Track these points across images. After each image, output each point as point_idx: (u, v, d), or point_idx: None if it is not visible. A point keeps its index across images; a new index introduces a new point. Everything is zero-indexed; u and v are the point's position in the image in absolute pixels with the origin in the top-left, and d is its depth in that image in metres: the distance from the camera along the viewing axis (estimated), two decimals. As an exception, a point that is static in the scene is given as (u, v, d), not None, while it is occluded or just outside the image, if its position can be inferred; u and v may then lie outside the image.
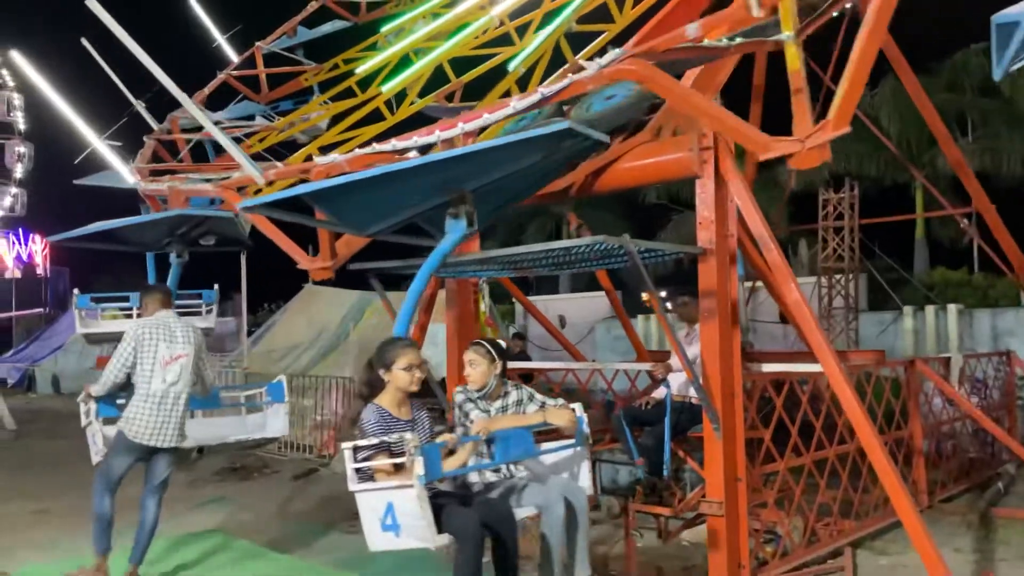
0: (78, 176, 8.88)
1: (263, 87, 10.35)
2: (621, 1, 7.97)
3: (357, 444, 3.95)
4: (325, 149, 8.13)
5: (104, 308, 7.14)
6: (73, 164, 8.94)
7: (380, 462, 3.92)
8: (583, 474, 4.72)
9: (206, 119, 6.62)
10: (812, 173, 19.18)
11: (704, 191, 5.44)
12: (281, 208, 4.83)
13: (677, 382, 6.32)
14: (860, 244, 16.98)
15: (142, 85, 8.70)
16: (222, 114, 9.84)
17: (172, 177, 7.60)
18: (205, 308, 7.09)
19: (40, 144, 40.51)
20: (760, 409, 6.21)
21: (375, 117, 9.06)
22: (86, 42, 8.50)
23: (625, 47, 5.13)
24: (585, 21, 8.18)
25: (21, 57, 7.88)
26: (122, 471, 5.83)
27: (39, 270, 44.26)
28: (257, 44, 10.40)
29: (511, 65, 8.31)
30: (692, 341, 6.30)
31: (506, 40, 8.60)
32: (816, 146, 4.52)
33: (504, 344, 4.95)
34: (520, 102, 5.36)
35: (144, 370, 5.78)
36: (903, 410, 7.70)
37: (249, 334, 17.26)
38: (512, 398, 4.82)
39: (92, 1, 5.37)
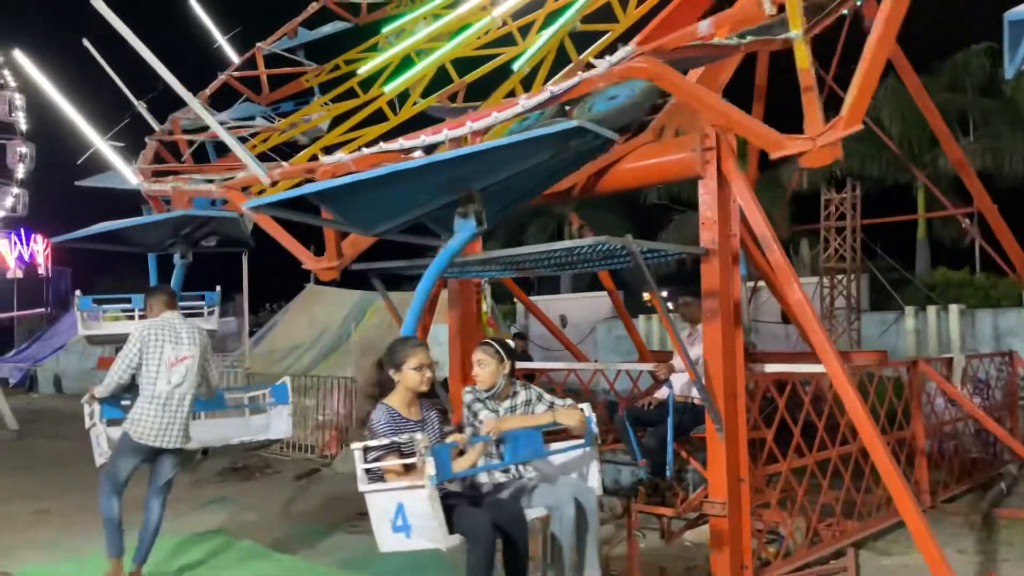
0: (80, 176, 8.87)
1: (264, 88, 10.36)
2: (625, 0, 7.98)
3: (367, 444, 3.92)
4: (328, 150, 8.12)
5: (106, 310, 7.13)
6: (75, 164, 8.93)
7: (390, 462, 3.88)
8: (592, 474, 4.69)
9: (212, 118, 6.62)
10: (814, 173, 19.18)
11: (707, 191, 5.43)
12: (288, 208, 4.81)
13: (680, 383, 6.32)
14: (862, 244, 16.98)
15: (143, 85, 8.73)
16: (224, 115, 9.84)
17: (175, 178, 7.60)
18: (207, 310, 7.08)
19: (42, 144, 40.55)
20: (762, 409, 6.21)
21: (377, 118, 9.06)
22: (87, 43, 8.50)
23: (630, 44, 5.12)
24: (589, 21, 8.17)
25: (24, 57, 7.86)
26: (128, 473, 5.83)
27: (41, 270, 44.27)
28: (258, 45, 10.40)
29: (516, 65, 8.30)
30: (695, 341, 6.29)
31: (509, 40, 8.60)
32: (828, 144, 4.51)
33: (513, 344, 4.93)
34: (529, 100, 5.35)
35: (150, 371, 5.76)
36: (905, 410, 7.70)
37: (251, 334, 17.24)
38: (521, 398, 4.80)
39: (98, 1, 5.36)
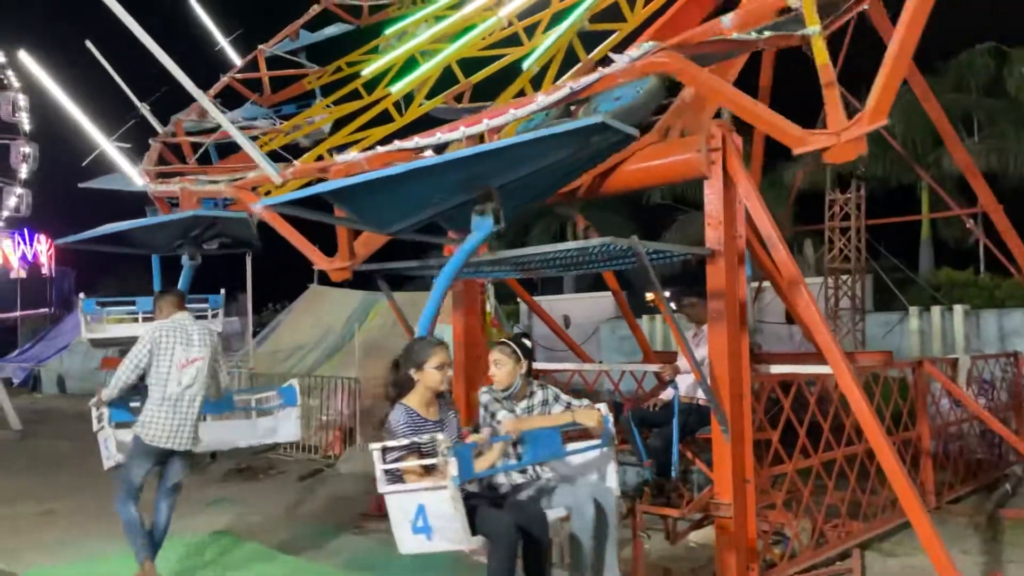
0: (84, 177, 8.86)
1: (266, 90, 10.36)
2: (633, 0, 7.98)
3: (386, 445, 3.87)
4: (334, 151, 8.11)
5: (109, 312, 7.08)
6: (78, 164, 8.93)
7: (410, 463, 3.84)
8: (610, 475, 4.64)
9: (223, 117, 6.59)
10: (817, 173, 19.15)
11: (712, 192, 5.42)
12: (302, 206, 4.75)
13: (685, 384, 6.31)
14: (866, 244, 16.96)
15: (143, 86, 8.74)
16: (228, 117, 9.83)
17: (182, 179, 7.58)
18: (211, 313, 7.04)
19: (45, 145, 40.55)
20: (767, 410, 6.20)
21: (383, 119, 9.07)
22: (90, 45, 8.50)
23: (637, 43, 5.12)
24: (596, 20, 8.19)
25: (29, 58, 7.85)
26: (142, 476, 5.80)
27: (44, 270, 44.24)
28: (260, 47, 10.40)
29: (525, 64, 8.31)
30: (700, 342, 6.29)
31: (514, 41, 8.61)
32: (852, 139, 4.48)
33: (529, 344, 4.84)
34: (548, 97, 5.34)
35: (160, 373, 5.75)
36: (910, 411, 7.68)
37: (254, 334, 17.23)
38: (538, 398, 4.75)
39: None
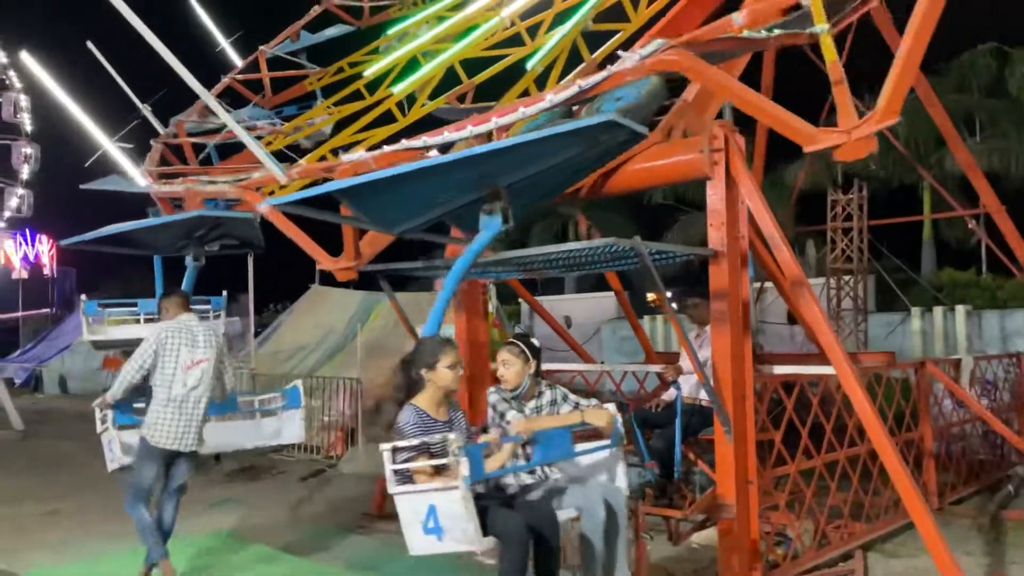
0: (84, 177, 8.85)
1: (267, 91, 10.36)
2: (636, 0, 7.99)
3: (396, 445, 3.85)
4: (337, 152, 8.11)
5: (110, 313, 7.04)
6: (79, 165, 8.92)
7: (421, 463, 3.82)
8: (619, 475, 4.61)
9: (228, 117, 6.58)
10: (820, 173, 19.16)
11: (715, 193, 5.42)
12: (309, 206, 4.73)
13: (688, 384, 6.31)
14: (868, 245, 16.93)
15: (144, 87, 8.74)
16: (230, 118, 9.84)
17: (186, 179, 7.56)
18: (213, 314, 7.00)
19: (47, 145, 40.54)
20: (770, 411, 6.19)
21: (385, 120, 9.07)
22: (91, 46, 8.50)
23: (640, 42, 5.12)
24: (600, 20, 8.20)
25: (31, 59, 7.85)
26: (152, 479, 5.77)
27: (46, 271, 44.24)
28: (261, 48, 10.40)
29: (529, 64, 8.32)
30: (703, 343, 6.29)
31: (516, 41, 8.61)
32: (863, 137, 4.47)
33: (537, 344, 4.83)
34: (557, 95, 5.34)
35: (165, 374, 5.73)
36: (913, 412, 7.67)
37: (255, 335, 17.21)
38: (546, 398, 4.73)
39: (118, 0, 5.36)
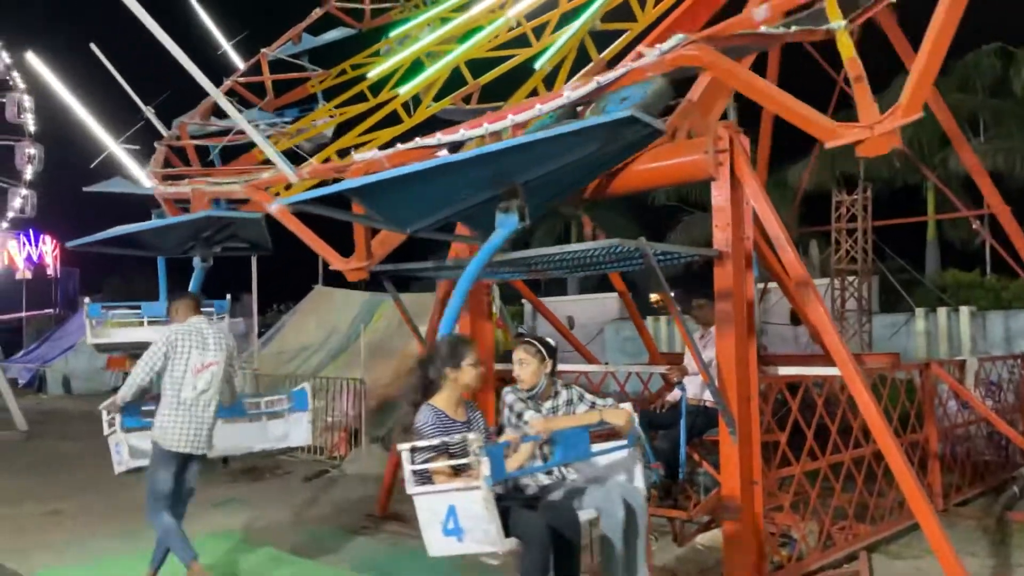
0: (88, 177, 8.87)
1: (269, 93, 10.36)
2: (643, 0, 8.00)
3: (415, 445, 3.82)
4: (342, 154, 8.12)
5: (113, 315, 7.01)
6: (83, 166, 8.96)
7: (440, 464, 3.78)
8: (637, 475, 4.57)
9: (239, 116, 6.57)
10: (823, 174, 19.12)
11: (720, 193, 5.41)
12: (324, 204, 4.69)
13: (692, 385, 6.30)
14: (872, 246, 16.89)
15: (145, 89, 8.76)
16: (232, 121, 9.84)
17: (192, 180, 7.55)
18: (217, 318, 6.98)
19: (50, 146, 40.61)
20: (774, 412, 6.18)
21: (390, 121, 9.08)
22: (95, 47, 8.52)
23: (646, 41, 5.12)
24: (607, 20, 8.23)
25: (37, 60, 7.86)
26: (169, 484, 5.69)
27: (49, 271, 44.34)
28: (262, 51, 10.41)
29: (538, 63, 8.35)
30: (707, 344, 6.28)
31: (522, 42, 8.62)
32: (886, 132, 4.45)
33: (553, 343, 4.77)
34: (575, 92, 5.34)
35: (175, 377, 5.68)
36: (917, 413, 7.65)
37: (259, 335, 17.19)
38: (563, 398, 4.70)
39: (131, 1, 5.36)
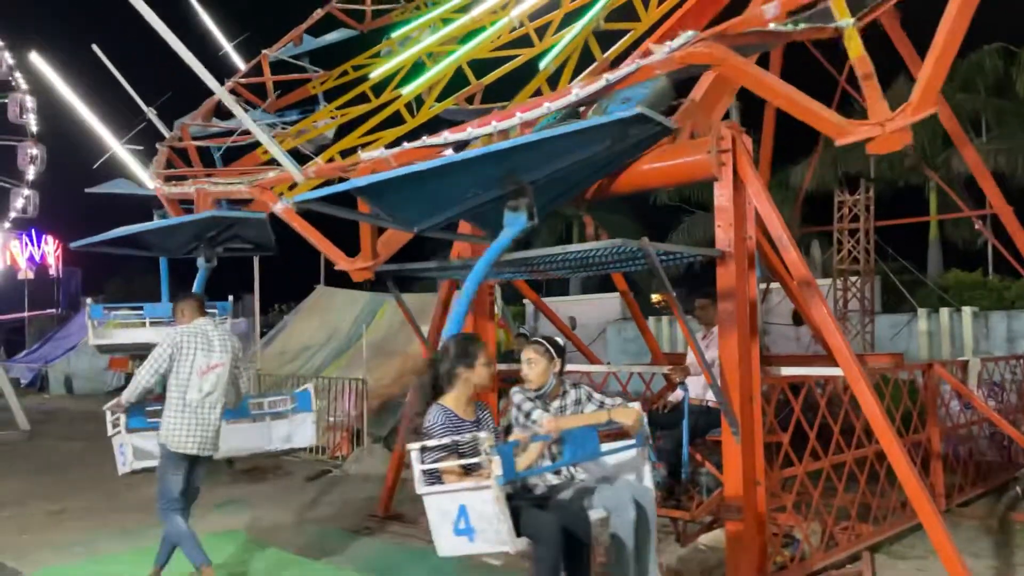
0: (90, 177, 8.90)
1: (270, 95, 10.37)
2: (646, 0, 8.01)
3: (425, 445, 3.81)
4: (344, 154, 8.13)
5: (114, 317, 6.99)
6: (85, 166, 8.98)
7: (451, 463, 3.78)
8: (646, 474, 4.57)
9: (246, 116, 6.56)
10: (827, 174, 19.09)
11: (722, 193, 5.40)
12: (331, 203, 4.68)
13: (695, 385, 6.30)
14: (874, 246, 16.86)
15: (147, 90, 8.77)
16: (233, 123, 9.86)
17: (195, 181, 7.55)
18: (219, 320, 6.97)
19: (52, 146, 40.65)
20: (777, 413, 6.18)
21: (392, 122, 9.09)
22: (97, 49, 8.52)
23: (648, 41, 5.12)
24: (611, 20, 8.25)
25: (42, 61, 7.86)
26: (180, 485, 5.68)
27: (51, 271, 44.35)
28: (264, 52, 10.41)
29: (542, 63, 8.37)
30: (710, 344, 6.28)
31: (524, 42, 8.63)
32: (897, 129, 4.42)
33: (562, 342, 4.77)
34: (583, 89, 5.33)
35: (180, 379, 5.65)
36: (920, 414, 7.64)
37: (261, 335, 17.20)
38: (571, 397, 4.70)
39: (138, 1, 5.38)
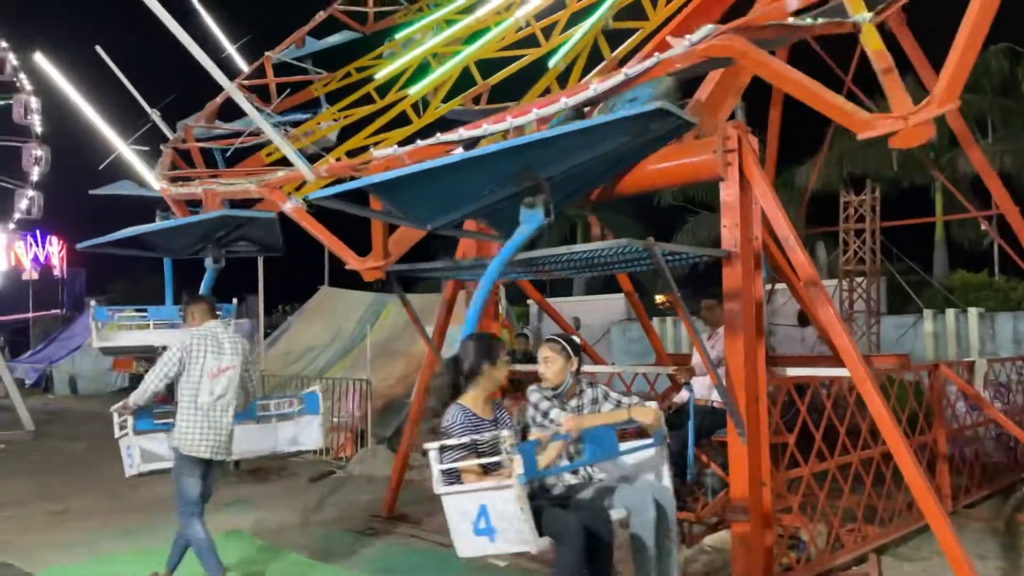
0: (94, 178, 8.90)
1: (273, 97, 10.37)
2: (655, -1, 8.02)
3: (444, 444, 3.78)
4: (351, 155, 8.12)
5: (118, 317, 6.90)
6: (90, 167, 8.98)
7: (470, 462, 3.75)
8: (665, 474, 4.52)
9: (258, 115, 6.54)
10: (832, 174, 19.05)
11: (728, 193, 5.39)
12: (344, 201, 4.64)
13: (700, 386, 6.28)
14: (880, 246, 16.81)
15: (148, 90, 8.77)
16: (237, 124, 9.85)
17: (202, 182, 7.54)
18: (224, 321, 6.94)
19: (56, 147, 40.72)
20: (783, 414, 6.15)
21: (398, 123, 9.09)
22: (100, 50, 8.52)
23: (654, 42, 5.10)
24: (619, 18, 8.28)
25: (47, 62, 7.86)
26: (198, 488, 5.64)
27: (56, 271, 44.42)
28: (266, 54, 10.40)
29: (551, 62, 8.39)
30: (715, 344, 6.26)
31: (531, 42, 8.64)
32: (920, 123, 4.40)
33: (578, 341, 4.75)
34: (602, 84, 5.31)
35: (191, 382, 5.60)
36: (926, 415, 7.61)
37: (265, 336, 17.21)
38: (588, 396, 4.67)
39: None
